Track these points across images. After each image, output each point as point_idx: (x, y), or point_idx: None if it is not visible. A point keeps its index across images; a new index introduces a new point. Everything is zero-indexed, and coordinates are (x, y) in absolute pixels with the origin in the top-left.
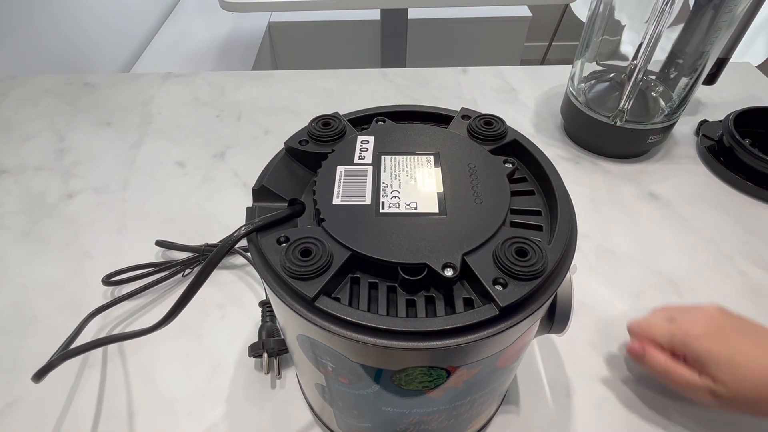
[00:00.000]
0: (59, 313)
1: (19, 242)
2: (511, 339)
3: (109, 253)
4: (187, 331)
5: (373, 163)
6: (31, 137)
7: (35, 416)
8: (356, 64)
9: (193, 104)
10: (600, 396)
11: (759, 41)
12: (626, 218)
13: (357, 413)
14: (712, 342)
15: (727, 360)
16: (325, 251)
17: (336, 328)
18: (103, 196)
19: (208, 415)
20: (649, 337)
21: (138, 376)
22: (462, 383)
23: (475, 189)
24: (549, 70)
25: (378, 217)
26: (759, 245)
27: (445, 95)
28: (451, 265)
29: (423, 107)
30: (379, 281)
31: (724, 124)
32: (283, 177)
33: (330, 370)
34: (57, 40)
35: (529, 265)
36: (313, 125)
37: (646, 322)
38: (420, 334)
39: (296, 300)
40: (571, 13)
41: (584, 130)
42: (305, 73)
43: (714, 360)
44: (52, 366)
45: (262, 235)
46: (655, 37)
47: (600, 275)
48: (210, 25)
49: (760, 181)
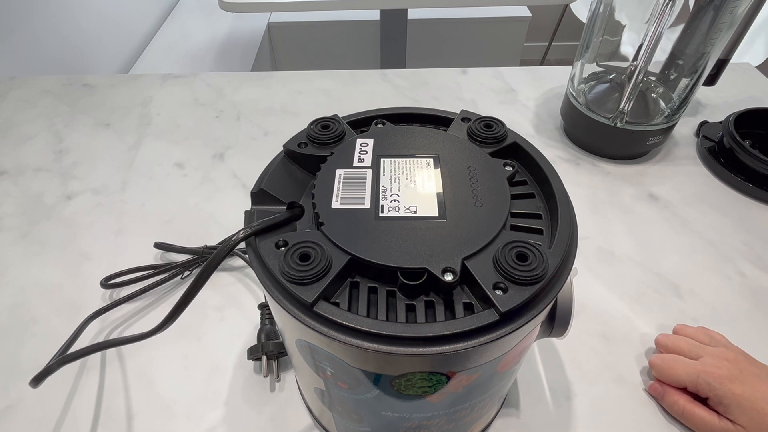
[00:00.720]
0: (57, 316)
1: (18, 244)
2: (512, 344)
3: (108, 255)
4: (185, 333)
5: (372, 166)
6: (30, 138)
7: (33, 420)
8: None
9: (193, 105)
10: (600, 399)
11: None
12: (626, 219)
13: (356, 417)
14: (735, 385)
15: (750, 404)
16: (324, 255)
17: (335, 334)
18: (102, 197)
19: (207, 418)
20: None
21: (137, 378)
22: (462, 388)
23: (475, 192)
24: (549, 71)
25: (377, 221)
26: (759, 246)
27: (445, 96)
28: (451, 269)
29: (422, 110)
30: (379, 286)
31: (724, 125)
32: (282, 180)
33: (329, 374)
34: (56, 40)
35: (530, 269)
36: (312, 128)
37: (674, 342)
38: (420, 339)
39: (295, 305)
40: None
41: (584, 131)
42: (304, 74)
43: (737, 403)
44: (49, 371)
45: (261, 239)
46: (656, 38)
47: (600, 277)
48: (209, 25)
49: (761, 182)
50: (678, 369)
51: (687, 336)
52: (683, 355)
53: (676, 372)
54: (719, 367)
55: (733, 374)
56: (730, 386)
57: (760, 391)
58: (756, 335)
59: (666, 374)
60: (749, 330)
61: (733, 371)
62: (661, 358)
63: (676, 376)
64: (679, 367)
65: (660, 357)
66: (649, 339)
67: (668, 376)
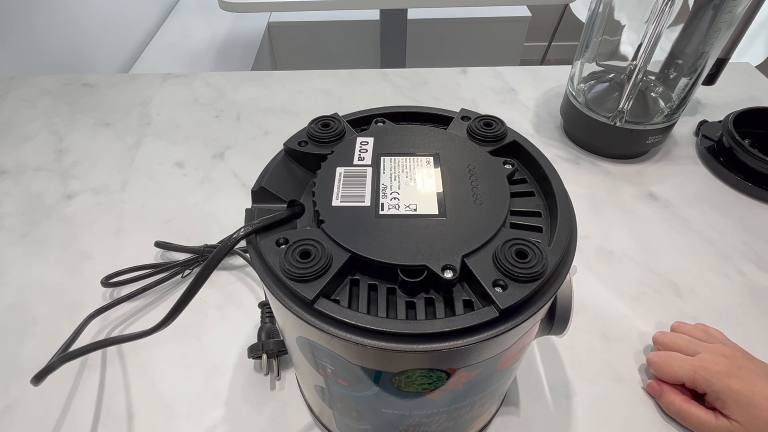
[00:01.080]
0: (58, 315)
1: (18, 243)
2: (511, 341)
3: (108, 255)
4: (186, 332)
5: (372, 165)
6: (30, 138)
7: (34, 419)
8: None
9: (192, 105)
10: (600, 397)
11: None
12: (626, 219)
13: (356, 415)
14: (732, 380)
15: (747, 400)
16: (324, 253)
17: (335, 331)
18: (102, 196)
19: (208, 417)
20: (671, 369)
21: (137, 377)
22: (462, 385)
23: (474, 190)
24: (548, 71)
25: (377, 219)
26: (759, 246)
27: (445, 96)
28: (450, 266)
29: (422, 108)
30: (379, 283)
31: (723, 124)
32: (283, 178)
33: (329, 372)
34: (56, 40)
35: (529, 267)
36: (313, 126)
37: (671, 340)
38: (420, 336)
39: (295, 302)
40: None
41: (584, 130)
42: (304, 74)
43: (734, 399)
44: (51, 369)
45: (261, 237)
46: (655, 37)
47: (600, 276)
48: (209, 25)
49: (760, 181)
50: (675, 365)
51: (684, 333)
52: (681, 352)
53: (674, 369)
54: (716, 362)
55: (731, 370)
56: (727, 382)
57: (757, 387)
58: (755, 334)
59: (663, 371)
60: (749, 329)
61: (730, 367)
62: (659, 356)
63: (673, 373)
64: (676, 363)
65: (657, 354)
66: (648, 338)
67: (666, 373)
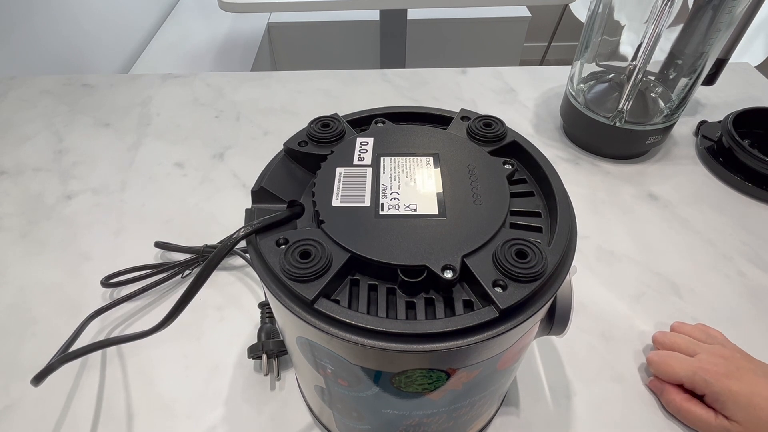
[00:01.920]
0: (58, 315)
1: (18, 243)
2: (511, 341)
3: (108, 255)
4: (186, 332)
5: (372, 165)
6: (30, 138)
7: (33, 419)
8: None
9: (192, 105)
10: (600, 397)
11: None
12: (626, 219)
13: (356, 415)
14: (731, 381)
15: (746, 400)
16: (324, 253)
17: (335, 331)
18: (102, 197)
19: (207, 417)
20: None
21: (137, 378)
22: (462, 385)
23: (474, 190)
24: (548, 71)
25: (377, 219)
26: (758, 246)
27: (445, 96)
28: (450, 267)
29: (422, 108)
30: (379, 283)
31: (723, 124)
32: (282, 178)
33: (329, 372)
34: (56, 40)
35: (529, 267)
36: (312, 126)
37: (671, 339)
38: (419, 336)
39: (295, 302)
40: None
41: (583, 130)
42: (304, 74)
43: (733, 400)
44: (51, 369)
45: (261, 237)
46: (655, 37)
47: (600, 276)
48: (209, 25)
49: (760, 181)
50: (675, 366)
51: (684, 333)
52: (680, 352)
53: (673, 369)
54: (715, 364)
55: (730, 371)
56: (726, 383)
57: (757, 387)
58: (755, 334)
59: (663, 371)
60: (748, 329)
61: (729, 368)
62: (658, 355)
63: (673, 373)
64: (675, 363)
65: (657, 354)
66: (648, 338)
67: (665, 372)
